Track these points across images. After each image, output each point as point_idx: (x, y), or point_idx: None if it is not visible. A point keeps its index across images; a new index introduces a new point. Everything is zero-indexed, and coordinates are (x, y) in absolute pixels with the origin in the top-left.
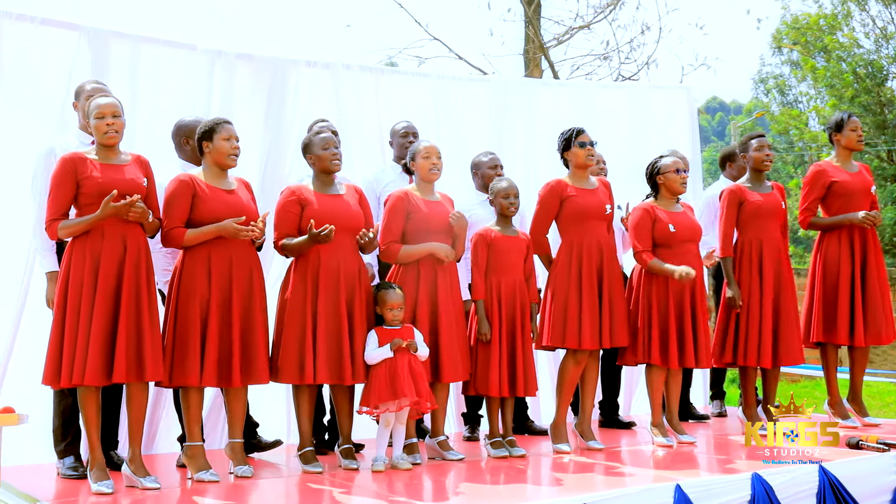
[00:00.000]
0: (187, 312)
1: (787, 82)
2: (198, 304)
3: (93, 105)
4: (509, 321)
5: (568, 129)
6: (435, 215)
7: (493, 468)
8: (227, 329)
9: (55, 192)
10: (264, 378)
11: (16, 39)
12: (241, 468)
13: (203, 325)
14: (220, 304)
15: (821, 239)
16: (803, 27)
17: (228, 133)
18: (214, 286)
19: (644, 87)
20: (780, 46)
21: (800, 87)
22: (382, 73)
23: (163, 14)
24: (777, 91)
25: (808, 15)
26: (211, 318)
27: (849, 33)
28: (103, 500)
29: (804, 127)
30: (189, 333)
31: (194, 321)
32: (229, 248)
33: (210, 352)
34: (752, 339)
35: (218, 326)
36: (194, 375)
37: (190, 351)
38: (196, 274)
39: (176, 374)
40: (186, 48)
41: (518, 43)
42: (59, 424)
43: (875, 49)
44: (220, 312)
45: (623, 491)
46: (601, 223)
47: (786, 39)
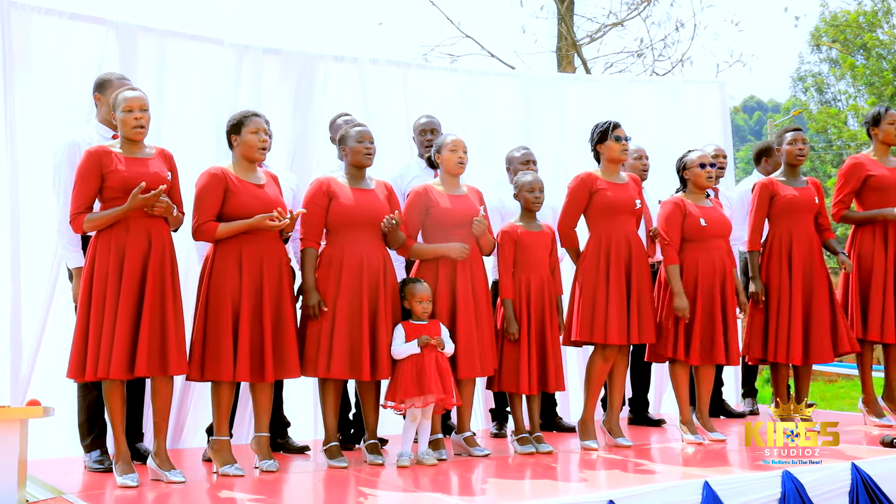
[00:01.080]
0: (218, 307)
1: (825, 80)
2: (229, 298)
3: (120, 98)
4: (538, 318)
5: (604, 122)
6: (458, 210)
7: (520, 465)
8: (258, 323)
9: (80, 186)
10: (295, 372)
11: (45, 34)
12: (266, 463)
13: (235, 319)
14: (251, 298)
15: (854, 234)
16: (842, 24)
17: (256, 126)
18: (245, 280)
19: (676, 82)
20: (819, 44)
21: (838, 86)
22: (410, 68)
23: (189, 7)
24: (815, 89)
25: (847, 12)
26: (243, 312)
27: (889, 30)
28: (128, 493)
29: (842, 125)
30: (221, 328)
31: (226, 315)
32: (260, 242)
33: (242, 346)
34: (782, 336)
35: (250, 320)
36: (227, 370)
37: (223, 345)
38: (227, 268)
39: (208, 369)
40: (214, 42)
41: (550, 40)
42: (84, 418)
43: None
44: (251, 306)
45: (651, 487)
46: (630, 218)
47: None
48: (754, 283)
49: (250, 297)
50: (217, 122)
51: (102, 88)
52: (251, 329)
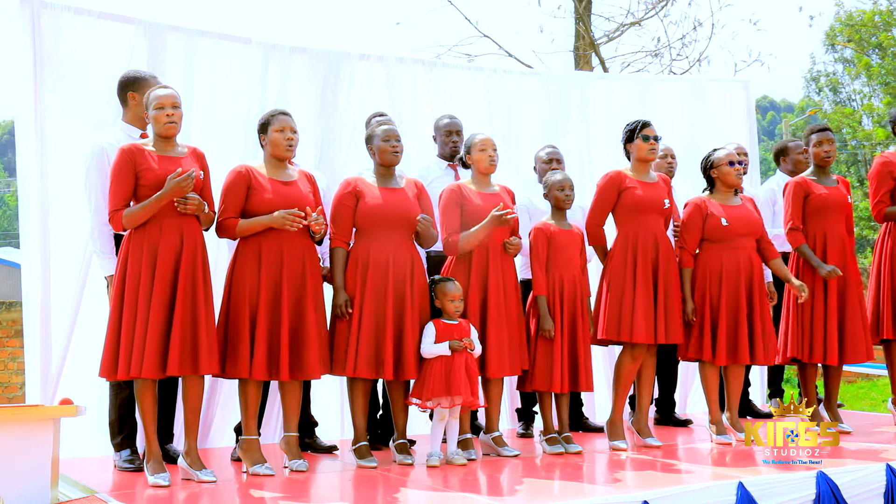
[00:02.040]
0: (238, 303)
1: (839, 80)
2: (247, 295)
3: (152, 96)
4: (570, 316)
5: (634, 121)
6: (490, 207)
7: (549, 465)
8: (276, 321)
9: (116, 183)
10: (315, 373)
11: (74, 34)
12: (295, 462)
13: (252, 317)
14: (269, 295)
15: (885, 232)
16: (857, 24)
17: (282, 125)
18: (264, 277)
19: (700, 81)
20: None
21: (853, 85)
22: (435, 67)
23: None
24: (829, 89)
25: (863, 11)
26: (260, 310)
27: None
28: (160, 492)
29: (857, 125)
30: (239, 325)
31: (244, 312)
32: (281, 239)
33: (259, 344)
34: (818, 336)
35: (267, 318)
36: (244, 367)
37: (240, 342)
38: (247, 265)
39: (228, 366)
40: (241, 41)
41: (568, 40)
42: (115, 417)
43: None
44: (269, 304)
45: (685, 488)
46: (659, 217)
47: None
48: (792, 280)
49: (268, 295)
50: (245, 120)
51: (136, 86)
52: (269, 327)
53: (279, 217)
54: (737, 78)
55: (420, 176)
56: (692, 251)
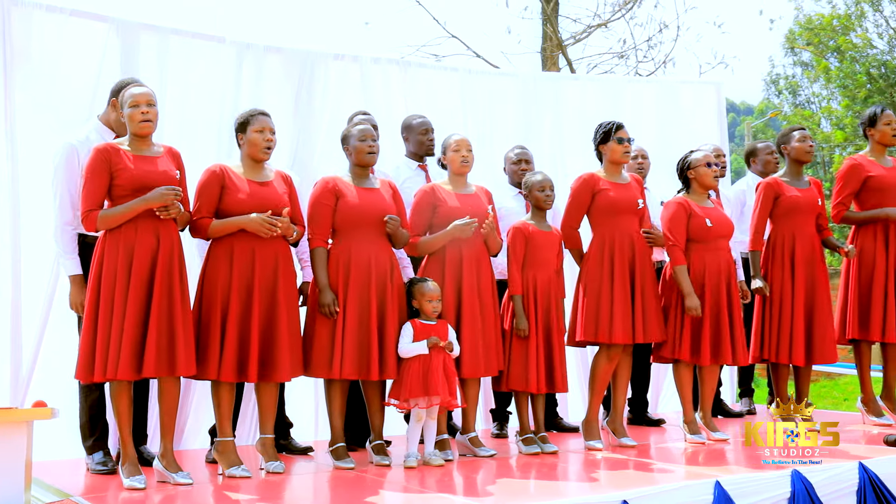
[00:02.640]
0: (209, 304)
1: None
2: (219, 296)
3: (127, 95)
4: (545, 316)
5: (608, 123)
6: (466, 207)
7: (526, 465)
8: (247, 322)
9: (90, 183)
10: (285, 376)
11: (46, 31)
12: (272, 464)
13: (223, 318)
14: (240, 296)
15: (855, 234)
16: (816, 28)
17: (261, 125)
18: (236, 278)
19: (673, 82)
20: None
21: (812, 88)
22: (409, 67)
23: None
24: (789, 92)
25: (822, 16)
26: (231, 311)
27: (862, 34)
28: (136, 495)
29: (816, 128)
30: (210, 325)
31: (215, 313)
32: (253, 240)
33: (229, 345)
34: (785, 336)
35: (238, 319)
36: (213, 369)
37: (210, 343)
38: (219, 265)
39: (199, 367)
40: (215, 40)
41: (535, 41)
42: (86, 420)
43: (888, 50)
44: (240, 305)
45: (663, 487)
46: (633, 218)
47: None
48: (758, 280)
49: (240, 296)
50: (219, 119)
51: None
52: (239, 328)
53: (255, 222)
54: (708, 80)
55: (391, 176)
56: (683, 248)
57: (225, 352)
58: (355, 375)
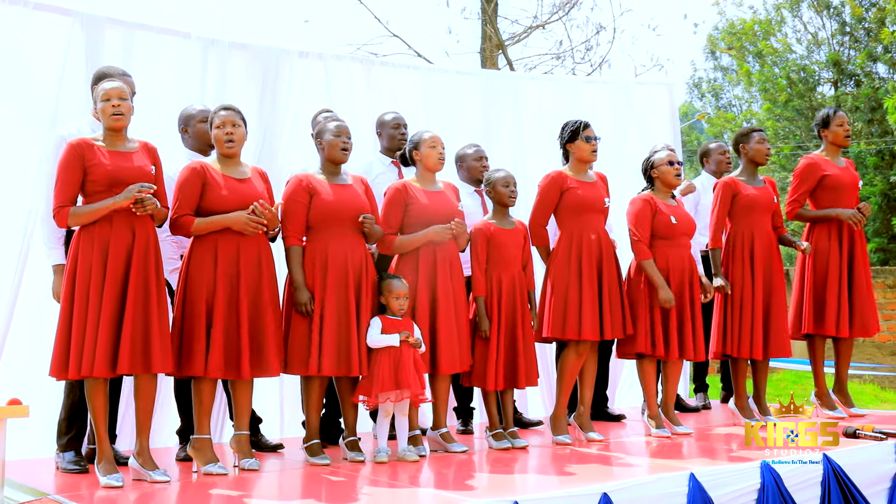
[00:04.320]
0: (193, 302)
1: (721, 86)
2: (204, 293)
3: (99, 89)
4: (509, 315)
5: (574, 122)
6: (436, 205)
7: (500, 459)
8: (234, 319)
9: (62, 179)
10: (275, 371)
11: (9, 24)
12: (247, 461)
13: (209, 315)
14: (226, 293)
15: (809, 231)
16: (738, 32)
17: (220, 120)
18: (221, 275)
19: (627, 83)
20: (714, 50)
21: (734, 91)
22: (373, 65)
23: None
24: (711, 95)
25: (743, 21)
26: (217, 308)
27: (782, 39)
28: (114, 493)
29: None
30: (194, 322)
31: (200, 310)
32: (237, 236)
33: (216, 342)
34: (745, 332)
35: (224, 316)
36: (199, 365)
37: (195, 340)
38: (203, 263)
39: (183, 364)
40: (180, 36)
41: (474, 41)
42: (64, 417)
43: (807, 54)
44: (226, 302)
45: (639, 480)
46: (600, 216)
47: (721, 44)
48: (719, 278)
49: (225, 293)
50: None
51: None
52: (225, 325)
53: (240, 220)
54: (662, 81)
55: (363, 172)
56: (648, 243)
57: (212, 348)
58: (335, 372)
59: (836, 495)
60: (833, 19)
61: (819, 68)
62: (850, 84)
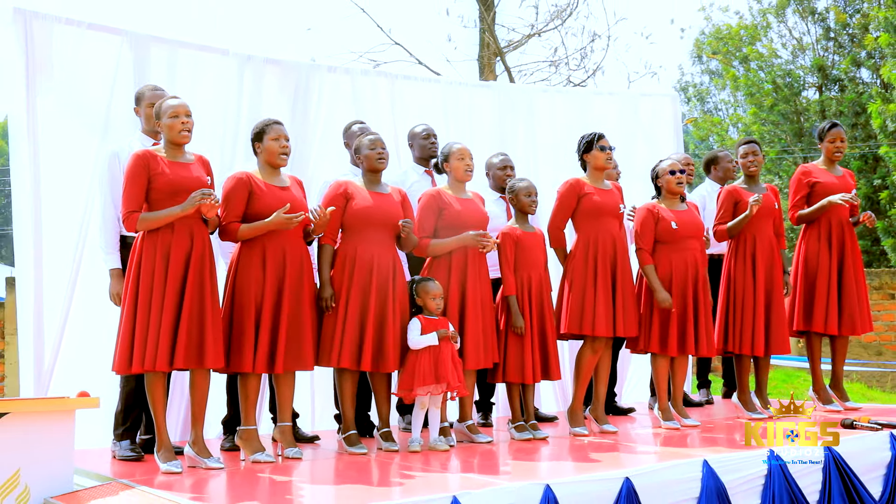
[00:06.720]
0: (242, 302)
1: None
2: (253, 293)
3: (165, 106)
4: (538, 311)
5: (590, 133)
6: (468, 212)
7: (524, 449)
8: (277, 317)
9: (130, 187)
10: (309, 365)
11: (65, 43)
12: (291, 450)
13: (258, 314)
14: (272, 293)
15: (804, 233)
16: (724, 37)
17: (277, 133)
18: (269, 276)
19: (634, 95)
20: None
21: (720, 96)
22: (396, 80)
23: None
24: (697, 99)
25: (729, 26)
26: (264, 307)
27: (767, 44)
28: (173, 478)
29: (725, 133)
30: (244, 322)
31: (249, 310)
32: (282, 241)
33: (262, 339)
34: (748, 330)
35: (271, 315)
36: (248, 362)
37: (245, 339)
38: (251, 265)
39: (233, 361)
40: (219, 52)
41: (472, 48)
42: (121, 409)
43: (792, 59)
44: (272, 302)
45: (657, 466)
46: (615, 220)
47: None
48: None
49: (272, 293)
50: (223, 128)
51: (138, 102)
52: (272, 323)
53: (280, 219)
54: (666, 93)
55: (398, 181)
56: (650, 250)
57: (259, 345)
58: (352, 365)
59: (836, 481)
60: (818, 25)
61: (804, 73)
62: (835, 89)
